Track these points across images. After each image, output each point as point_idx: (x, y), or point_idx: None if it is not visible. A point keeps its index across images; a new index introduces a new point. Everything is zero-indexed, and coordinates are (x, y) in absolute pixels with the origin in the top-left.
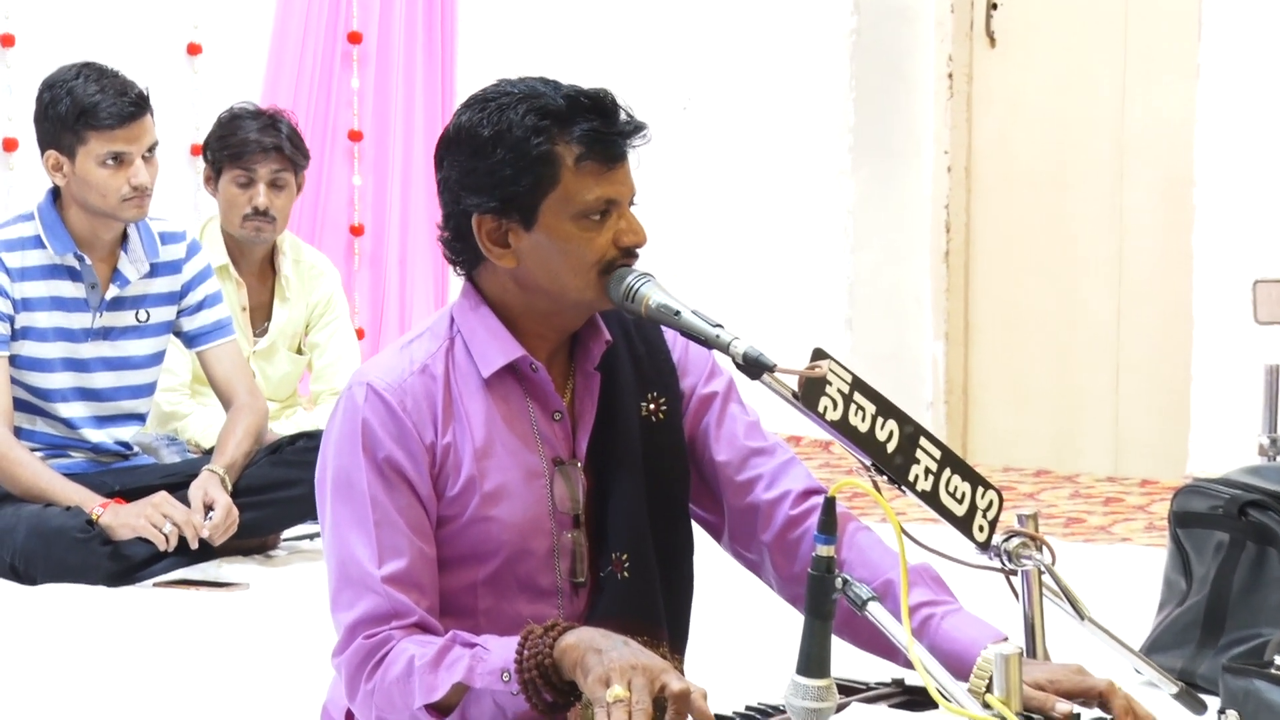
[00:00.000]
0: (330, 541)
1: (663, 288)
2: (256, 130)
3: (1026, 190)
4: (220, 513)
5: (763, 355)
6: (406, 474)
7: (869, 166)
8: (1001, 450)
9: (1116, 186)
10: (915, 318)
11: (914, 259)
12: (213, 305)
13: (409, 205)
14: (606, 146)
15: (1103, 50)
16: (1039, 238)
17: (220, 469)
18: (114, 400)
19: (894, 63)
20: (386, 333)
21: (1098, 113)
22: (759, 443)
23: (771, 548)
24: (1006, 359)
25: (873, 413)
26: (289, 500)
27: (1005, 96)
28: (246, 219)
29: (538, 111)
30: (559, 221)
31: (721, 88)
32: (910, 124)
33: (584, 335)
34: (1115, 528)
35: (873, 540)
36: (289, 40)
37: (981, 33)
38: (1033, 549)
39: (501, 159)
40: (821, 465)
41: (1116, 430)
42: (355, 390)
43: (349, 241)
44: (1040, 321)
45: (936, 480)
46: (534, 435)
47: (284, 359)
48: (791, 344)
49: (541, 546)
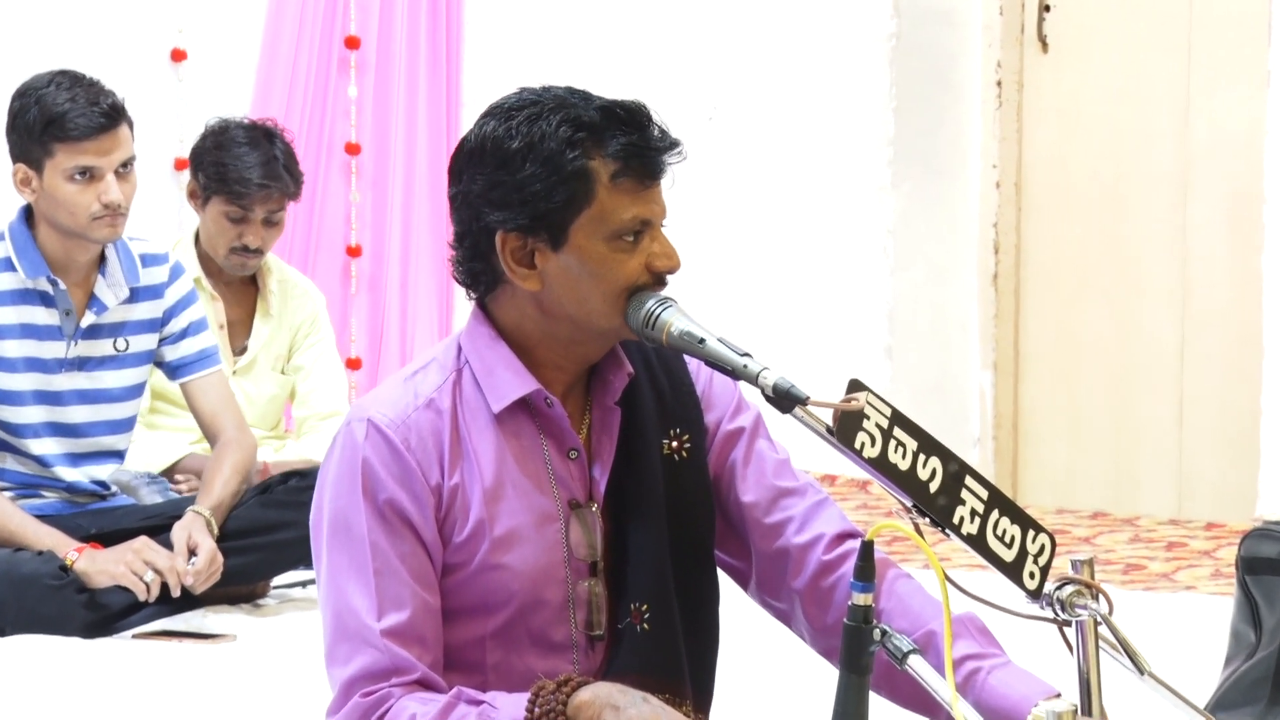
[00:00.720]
0: (326, 590)
1: (685, 313)
2: (257, 166)
3: (1082, 208)
4: (203, 558)
5: (794, 387)
6: (410, 518)
7: (910, 182)
8: (1055, 490)
9: (1180, 203)
10: (961, 346)
11: (959, 282)
12: (197, 333)
13: (411, 224)
14: (645, 163)
15: (1165, 55)
16: (1095, 259)
17: (206, 510)
18: (90, 436)
19: (938, 69)
20: (386, 363)
21: (1159, 123)
22: (790, 482)
23: (803, 596)
24: (1060, 391)
25: (914, 449)
26: (280, 544)
27: (1058, 106)
28: (234, 252)
29: (572, 123)
30: (590, 242)
31: (749, 96)
32: (955, 136)
33: (603, 367)
34: (1178, 575)
35: (914, 588)
36: (281, 45)
37: (1033, 37)
38: (1088, 598)
39: (532, 173)
40: (858, 507)
41: (1180, 469)
42: (355, 426)
43: (345, 263)
44: (1097, 350)
45: (983, 523)
46: (548, 476)
47: (269, 379)
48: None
49: (555, 596)
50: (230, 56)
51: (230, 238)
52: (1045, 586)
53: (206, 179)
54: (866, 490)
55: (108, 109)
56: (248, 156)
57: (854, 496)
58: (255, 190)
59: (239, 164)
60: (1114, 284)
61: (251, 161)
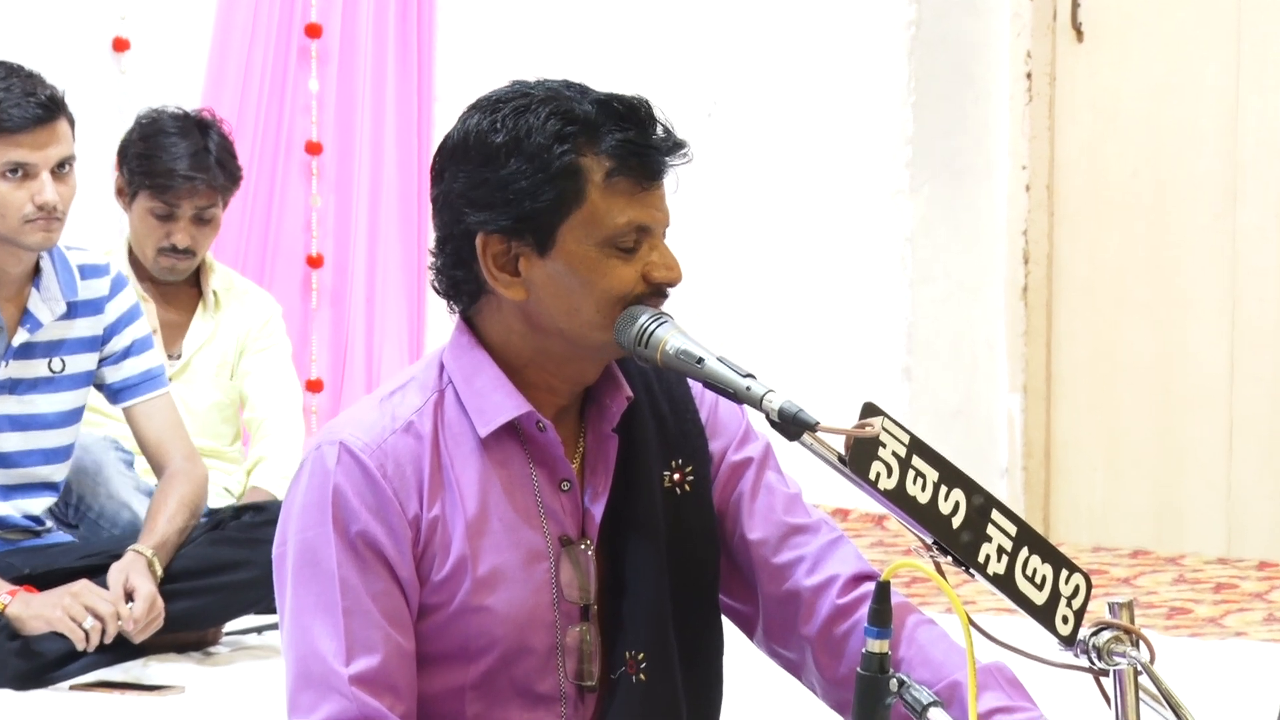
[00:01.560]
0: (289, 631)
1: (682, 330)
2: (185, 156)
3: (1120, 213)
4: (141, 605)
5: (802, 411)
6: (384, 552)
7: (930, 185)
8: (1091, 526)
9: (1228, 210)
10: (987, 366)
11: (985, 296)
12: (141, 352)
13: (378, 232)
14: (643, 162)
15: (1212, 45)
16: (1135, 270)
17: (148, 550)
18: (22, 466)
19: (961, 61)
20: (350, 386)
21: (1206, 122)
22: (801, 519)
23: (815, 643)
24: (1097, 416)
25: (935, 480)
26: (233, 586)
27: (1095, 101)
28: (162, 253)
29: (563, 116)
30: (581, 247)
31: (752, 90)
32: (980, 134)
33: (599, 390)
34: (1227, 619)
35: (936, 635)
36: (234, 33)
37: (1066, 25)
38: (1128, 644)
39: (517, 169)
40: (873, 544)
41: (1230, 502)
42: (325, 450)
43: (306, 275)
44: (1137, 371)
45: (1012, 562)
46: (537, 509)
47: (209, 385)
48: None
49: (543, 643)
50: (178, 46)
51: (158, 237)
52: (1080, 632)
53: (131, 172)
54: (882, 526)
55: (45, 101)
56: (175, 147)
57: (869, 533)
58: (181, 183)
59: (165, 155)
60: (1156, 297)
61: (178, 152)
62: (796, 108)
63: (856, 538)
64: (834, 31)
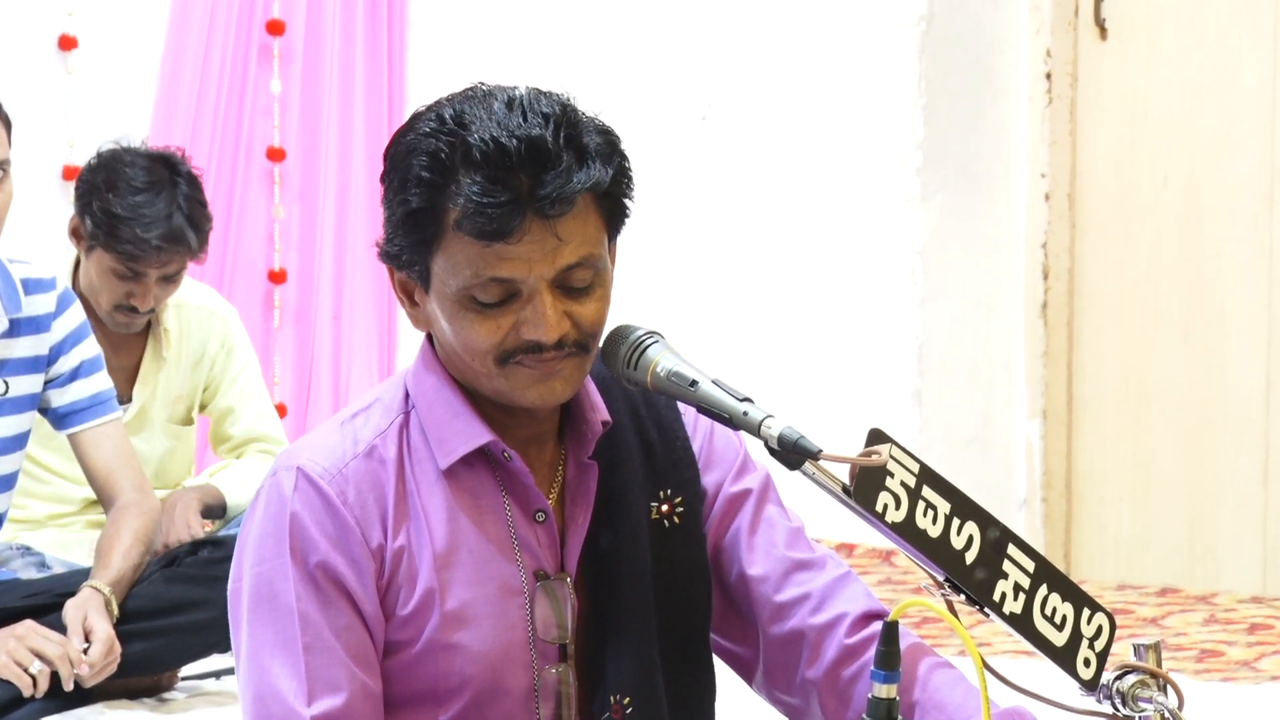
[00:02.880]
0: (246, 671)
1: (675, 351)
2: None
3: (1149, 225)
4: (98, 649)
5: (804, 438)
6: (346, 585)
7: (943, 194)
8: (1115, 562)
9: (1266, 220)
10: (1004, 390)
11: (1002, 313)
12: (90, 374)
13: (345, 244)
14: (490, 219)
15: (1248, 42)
16: (1165, 286)
17: (105, 587)
18: None
19: (976, 60)
20: (316, 409)
21: (1242, 124)
22: (804, 554)
23: (821, 688)
24: (1123, 444)
25: (946, 512)
26: (189, 627)
27: (1120, 103)
28: (119, 309)
29: (433, 152)
30: (444, 292)
31: (751, 91)
32: (997, 139)
33: (576, 413)
34: (1262, 663)
35: (951, 679)
36: (190, 30)
37: (1089, 21)
38: (1154, 689)
39: (391, 199)
40: (881, 582)
41: (1266, 537)
42: (282, 476)
43: (268, 291)
44: (1167, 395)
45: (1030, 600)
46: (511, 540)
47: (160, 434)
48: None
49: (518, 684)
50: (129, 43)
51: (118, 294)
52: (1103, 676)
53: (94, 226)
54: (891, 562)
55: None
56: (145, 209)
57: (876, 569)
58: (151, 253)
59: (133, 221)
60: (1188, 316)
61: (150, 217)
62: (797, 110)
63: (863, 574)
64: (838, 27)
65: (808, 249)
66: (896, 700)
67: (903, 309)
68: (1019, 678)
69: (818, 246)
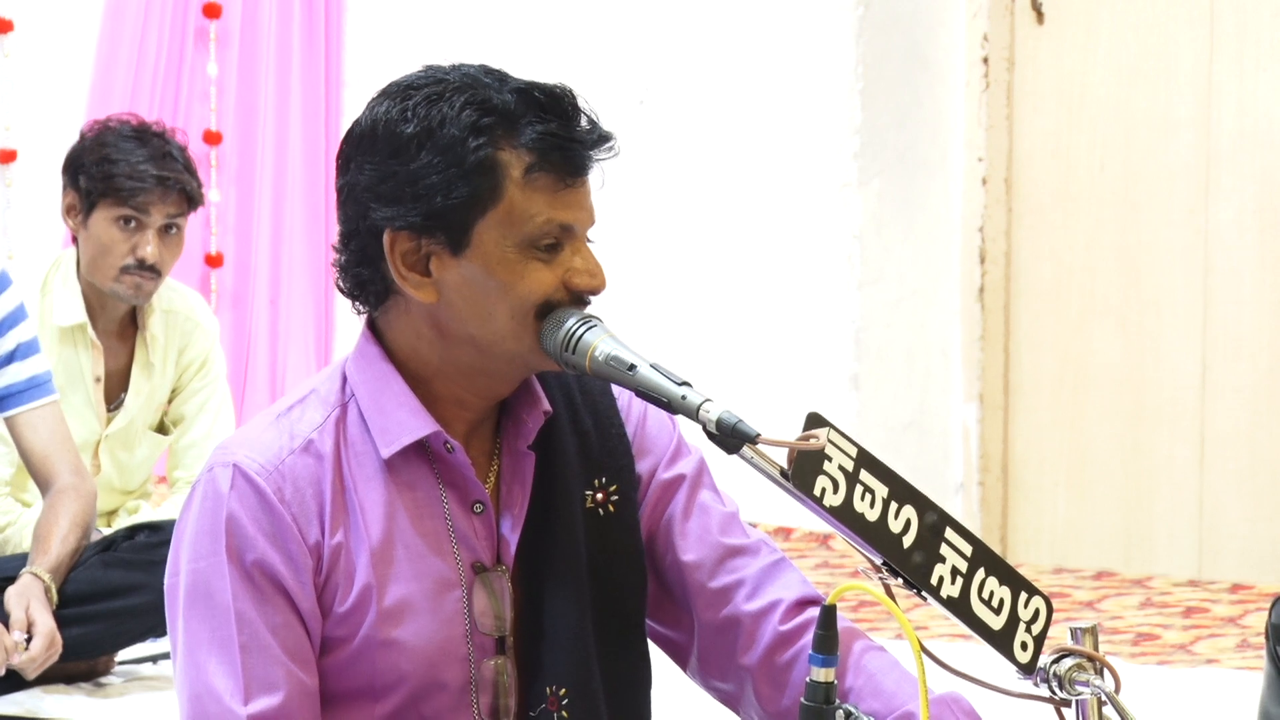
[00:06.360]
0: (182, 668)
1: (613, 335)
2: (151, 159)
3: (1085, 210)
4: (40, 642)
5: (742, 422)
6: (283, 583)
7: (881, 179)
8: (1052, 546)
9: (1201, 206)
10: (941, 375)
11: (939, 298)
12: (26, 357)
13: (282, 228)
14: (566, 156)
15: (1185, 28)
16: (1102, 271)
17: (45, 574)
18: None
19: (913, 44)
20: (253, 397)
21: (1178, 111)
22: (739, 539)
23: (756, 673)
24: (1059, 428)
25: (884, 496)
26: (126, 612)
27: (1057, 88)
28: (126, 271)
29: (479, 106)
30: (497, 247)
31: (688, 75)
32: (934, 124)
33: (516, 404)
34: (1198, 645)
35: (887, 663)
36: (126, 13)
37: (1026, 6)
38: (1091, 672)
39: (428, 163)
40: (818, 565)
41: (1200, 521)
42: (218, 473)
43: (204, 274)
44: (1103, 380)
45: (967, 584)
46: (448, 533)
47: (145, 442)
48: (780, 408)
49: (456, 678)
50: (65, 26)
51: (123, 252)
52: (1040, 660)
53: (90, 180)
54: (828, 546)
55: None
56: (138, 152)
57: (813, 553)
58: (152, 185)
59: (129, 159)
60: (1124, 301)
61: (144, 156)
62: (734, 94)
63: (800, 558)
64: (775, 11)
65: (745, 233)
66: (835, 684)
67: (840, 293)
68: (956, 661)
69: (755, 231)
